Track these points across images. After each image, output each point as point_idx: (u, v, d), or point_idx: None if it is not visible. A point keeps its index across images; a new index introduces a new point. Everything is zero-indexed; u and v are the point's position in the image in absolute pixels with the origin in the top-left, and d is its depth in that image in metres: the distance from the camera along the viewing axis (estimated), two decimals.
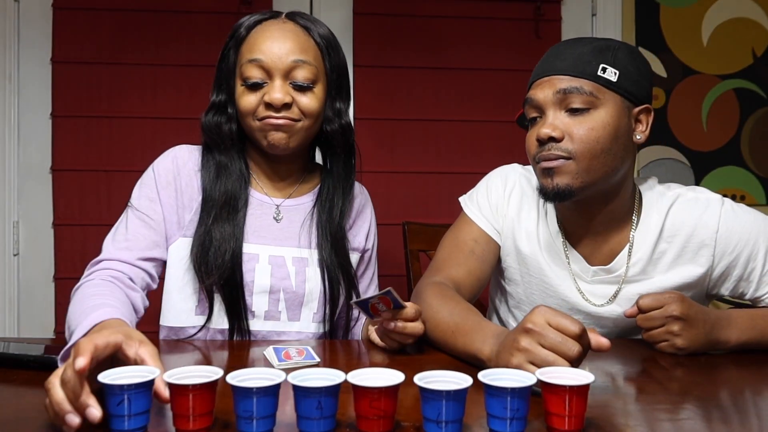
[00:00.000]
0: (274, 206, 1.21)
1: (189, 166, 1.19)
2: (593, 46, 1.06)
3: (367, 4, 2.42)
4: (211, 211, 1.14)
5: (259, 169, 1.23)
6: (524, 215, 1.21)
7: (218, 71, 1.20)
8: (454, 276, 1.15)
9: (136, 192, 1.18)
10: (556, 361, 0.75)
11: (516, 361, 0.77)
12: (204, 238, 1.13)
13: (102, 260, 1.11)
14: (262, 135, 1.14)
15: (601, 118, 1.04)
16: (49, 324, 2.30)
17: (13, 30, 2.30)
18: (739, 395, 0.84)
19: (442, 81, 2.44)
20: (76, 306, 0.96)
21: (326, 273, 1.19)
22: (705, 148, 2.54)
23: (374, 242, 1.33)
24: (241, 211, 1.16)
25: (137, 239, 1.13)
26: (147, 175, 1.19)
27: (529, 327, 0.78)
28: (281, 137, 1.13)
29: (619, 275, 1.14)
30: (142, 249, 1.12)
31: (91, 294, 0.99)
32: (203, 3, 2.28)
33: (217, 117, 1.18)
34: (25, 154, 2.31)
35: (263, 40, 1.13)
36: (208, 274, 1.11)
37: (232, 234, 1.13)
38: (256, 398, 0.63)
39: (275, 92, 1.11)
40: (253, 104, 1.13)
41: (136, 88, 2.32)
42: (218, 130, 1.17)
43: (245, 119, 1.15)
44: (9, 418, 0.71)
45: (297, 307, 1.17)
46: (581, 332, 0.77)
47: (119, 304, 0.97)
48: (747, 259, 1.11)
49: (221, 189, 1.16)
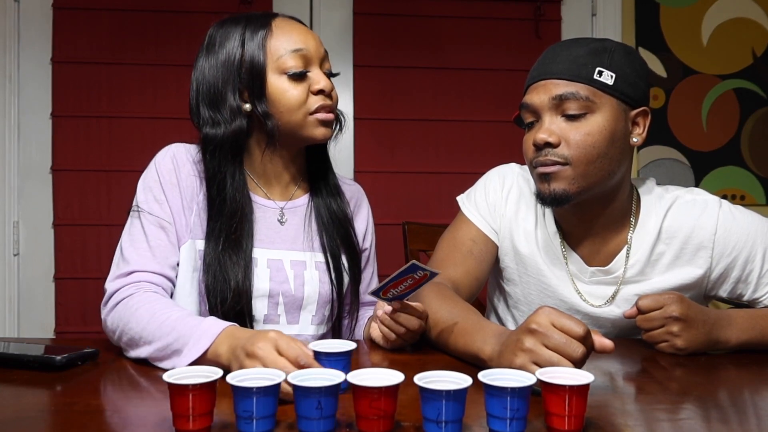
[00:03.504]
0: (278, 209, 1.20)
1: (187, 166, 1.14)
2: (589, 48, 1.05)
3: (367, 4, 2.42)
4: (220, 234, 1.10)
5: (266, 173, 1.19)
6: (522, 215, 1.21)
7: (230, 75, 1.11)
8: (452, 276, 1.15)
9: (142, 195, 1.11)
10: (560, 362, 0.74)
11: (519, 362, 0.77)
12: (215, 267, 1.09)
13: (132, 272, 1.04)
14: (312, 129, 1.12)
15: (597, 123, 1.03)
16: (49, 324, 2.30)
17: (13, 30, 2.30)
18: (739, 395, 0.84)
19: (442, 81, 2.44)
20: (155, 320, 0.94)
21: (333, 270, 1.19)
22: (705, 148, 2.54)
23: (372, 241, 1.33)
24: (249, 232, 1.12)
25: (159, 247, 1.08)
26: (150, 177, 1.12)
27: (534, 327, 0.77)
28: (329, 132, 1.15)
29: (617, 276, 1.14)
30: (166, 256, 1.08)
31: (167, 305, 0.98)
32: (203, 3, 2.28)
33: (242, 122, 1.11)
34: (25, 154, 2.31)
35: (297, 32, 1.12)
36: (221, 304, 1.09)
37: (242, 258, 1.10)
38: (256, 398, 0.64)
39: (323, 80, 1.11)
40: (302, 95, 1.10)
41: (136, 88, 2.32)
42: (243, 137, 1.12)
43: (293, 114, 1.11)
44: (9, 418, 0.71)
45: (296, 311, 1.17)
46: (585, 334, 0.76)
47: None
48: (745, 261, 1.11)
49: (230, 212, 1.11)
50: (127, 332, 0.96)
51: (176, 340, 0.90)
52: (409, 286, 0.95)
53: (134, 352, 0.95)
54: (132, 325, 0.95)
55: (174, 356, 0.90)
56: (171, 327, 0.92)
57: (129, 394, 0.83)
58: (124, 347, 0.98)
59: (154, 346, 0.92)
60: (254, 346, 0.81)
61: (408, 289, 0.96)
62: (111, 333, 1.00)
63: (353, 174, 2.40)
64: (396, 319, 0.98)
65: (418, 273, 0.93)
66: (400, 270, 0.92)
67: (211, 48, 1.14)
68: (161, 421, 0.70)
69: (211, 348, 0.88)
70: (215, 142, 1.11)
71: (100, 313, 1.03)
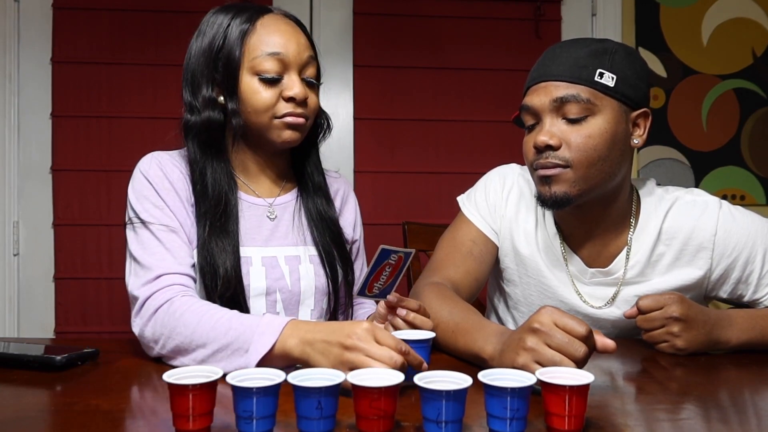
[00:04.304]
0: (267, 205, 1.20)
1: (176, 171, 1.13)
2: (590, 49, 1.05)
3: (367, 4, 2.42)
4: (206, 223, 1.09)
5: (249, 169, 1.19)
6: (522, 216, 1.20)
7: (208, 64, 1.11)
8: (452, 276, 1.15)
9: (139, 206, 1.07)
10: (562, 362, 0.74)
11: (522, 361, 0.77)
12: (205, 253, 1.08)
13: (159, 276, 0.99)
14: (278, 132, 1.11)
15: (598, 126, 1.03)
16: (49, 324, 2.30)
17: (13, 30, 2.30)
18: (739, 395, 0.84)
19: (442, 81, 2.44)
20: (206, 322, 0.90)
21: (327, 265, 1.19)
22: (705, 148, 2.54)
23: (361, 232, 1.33)
24: (234, 216, 1.12)
25: (175, 249, 1.04)
26: (143, 186, 1.09)
27: (536, 327, 0.77)
28: (296, 135, 1.12)
29: (617, 277, 1.14)
30: (184, 257, 1.04)
31: (213, 306, 0.95)
32: (203, 3, 2.27)
33: (216, 113, 1.11)
34: (25, 154, 2.31)
35: (279, 34, 1.10)
36: (214, 286, 1.08)
37: (229, 244, 1.10)
38: (256, 398, 0.63)
39: (297, 87, 1.08)
40: (272, 100, 1.09)
41: (136, 88, 2.32)
42: (219, 129, 1.12)
43: (259, 116, 1.10)
44: (9, 418, 0.71)
45: (294, 306, 1.17)
46: (588, 333, 0.77)
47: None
48: (745, 262, 1.11)
49: (214, 198, 1.10)
50: (174, 338, 0.91)
51: (236, 338, 0.87)
52: (391, 274, 0.93)
53: (185, 359, 0.91)
54: (180, 330, 0.91)
55: (236, 356, 0.87)
56: (227, 327, 0.88)
57: (129, 394, 0.83)
58: (171, 355, 0.93)
59: (211, 348, 0.88)
60: (352, 338, 0.79)
61: (391, 278, 0.93)
62: (152, 343, 0.95)
63: (353, 174, 2.40)
64: (413, 323, 0.94)
65: (392, 257, 0.90)
66: (373, 260, 0.90)
67: (200, 32, 1.15)
68: (161, 421, 0.70)
69: (278, 343, 0.85)
70: (191, 129, 1.12)
71: (129, 320, 0.99)
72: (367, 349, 0.77)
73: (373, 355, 0.76)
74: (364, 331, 0.79)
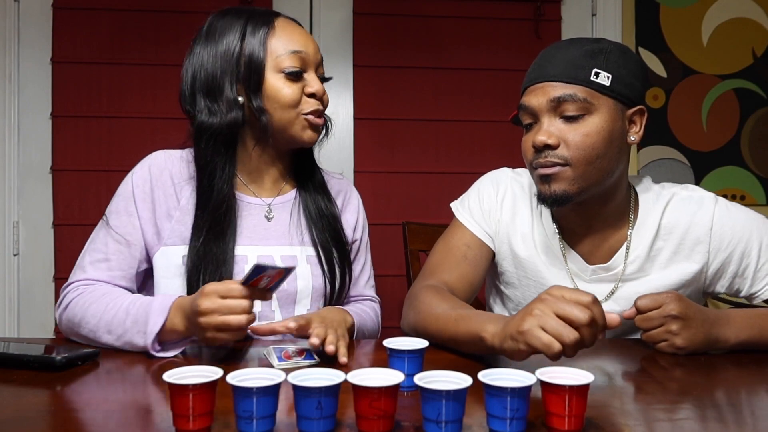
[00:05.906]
0: (265, 205, 1.20)
1: (165, 175, 1.15)
2: (585, 49, 1.06)
3: (367, 4, 2.42)
4: (205, 223, 1.11)
5: (252, 170, 1.20)
6: (518, 220, 1.21)
7: (228, 67, 1.12)
8: (447, 280, 1.16)
9: (113, 204, 1.16)
10: (566, 329, 0.76)
11: (527, 326, 0.79)
12: (199, 254, 1.10)
13: (81, 279, 1.11)
14: (301, 129, 1.15)
15: (595, 124, 1.04)
16: (49, 324, 2.30)
17: (13, 30, 2.30)
18: (738, 395, 0.84)
19: (442, 81, 2.44)
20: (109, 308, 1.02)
21: (326, 263, 1.19)
22: (705, 148, 2.54)
23: (363, 233, 1.33)
24: (233, 218, 1.14)
25: (116, 260, 1.13)
26: (125, 188, 1.16)
27: (544, 296, 0.81)
28: (316, 136, 1.18)
29: (617, 273, 1.14)
30: (122, 269, 1.13)
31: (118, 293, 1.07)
32: (203, 3, 2.28)
33: (237, 114, 1.12)
34: (25, 154, 2.31)
35: (299, 34, 1.16)
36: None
37: (225, 244, 1.11)
38: (256, 398, 0.64)
39: (317, 84, 1.15)
40: (297, 95, 1.13)
41: (136, 88, 2.32)
42: (237, 129, 1.14)
43: (285, 111, 1.13)
44: (9, 418, 0.71)
45: (290, 305, 1.17)
46: (593, 299, 0.79)
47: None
48: (741, 256, 1.12)
49: (217, 201, 1.12)
50: (84, 327, 1.04)
51: (134, 324, 0.98)
52: (270, 283, 0.93)
53: (98, 342, 1.03)
54: (88, 319, 1.03)
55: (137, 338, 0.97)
56: (125, 313, 1.00)
57: (129, 394, 0.83)
58: (85, 341, 1.05)
59: (114, 334, 1.00)
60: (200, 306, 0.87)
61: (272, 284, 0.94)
62: (67, 330, 1.09)
63: (353, 174, 2.40)
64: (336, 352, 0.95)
65: (269, 272, 0.90)
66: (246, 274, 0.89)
67: (210, 37, 1.15)
68: (161, 421, 0.70)
69: (167, 323, 0.96)
70: (210, 131, 1.12)
71: None
72: (216, 308, 0.87)
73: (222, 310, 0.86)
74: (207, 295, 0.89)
